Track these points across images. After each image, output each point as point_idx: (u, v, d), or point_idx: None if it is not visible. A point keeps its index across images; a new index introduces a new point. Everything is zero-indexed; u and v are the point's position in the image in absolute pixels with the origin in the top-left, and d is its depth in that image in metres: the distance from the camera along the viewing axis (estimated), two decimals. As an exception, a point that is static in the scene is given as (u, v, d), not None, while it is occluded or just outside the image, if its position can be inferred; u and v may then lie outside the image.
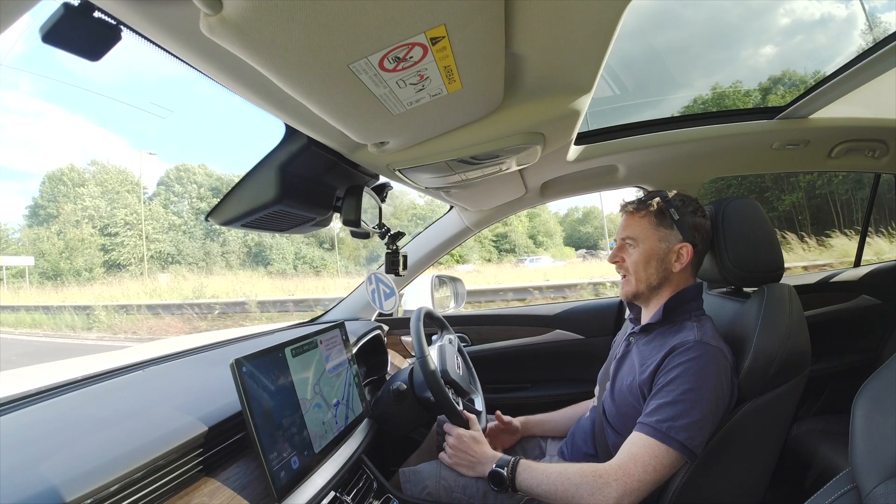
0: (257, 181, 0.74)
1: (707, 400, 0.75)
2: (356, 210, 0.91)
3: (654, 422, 0.75)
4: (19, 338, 10.06)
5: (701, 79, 3.49)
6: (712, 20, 3.91)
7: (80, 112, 34.93)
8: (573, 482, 0.76)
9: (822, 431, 1.32)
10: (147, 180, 28.63)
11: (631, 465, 0.74)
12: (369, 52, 0.44)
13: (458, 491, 0.92)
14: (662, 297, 0.90)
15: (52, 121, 29.53)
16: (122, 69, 36.73)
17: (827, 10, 3.20)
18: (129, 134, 31.74)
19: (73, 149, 29.34)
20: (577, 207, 30.57)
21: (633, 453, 0.75)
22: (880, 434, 0.47)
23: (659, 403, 0.77)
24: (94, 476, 0.49)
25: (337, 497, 0.77)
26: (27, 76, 34.66)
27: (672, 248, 0.88)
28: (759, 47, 3.61)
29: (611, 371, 0.97)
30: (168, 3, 0.38)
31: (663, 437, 0.74)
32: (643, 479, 0.73)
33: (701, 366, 0.77)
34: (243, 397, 0.63)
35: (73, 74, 35.31)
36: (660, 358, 0.81)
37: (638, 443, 0.76)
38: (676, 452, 0.73)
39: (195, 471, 0.61)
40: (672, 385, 0.77)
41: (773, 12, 3.28)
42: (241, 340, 1.30)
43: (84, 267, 20.44)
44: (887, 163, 1.38)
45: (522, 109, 0.73)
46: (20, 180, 27.33)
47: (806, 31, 3.39)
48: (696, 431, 0.74)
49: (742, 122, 1.26)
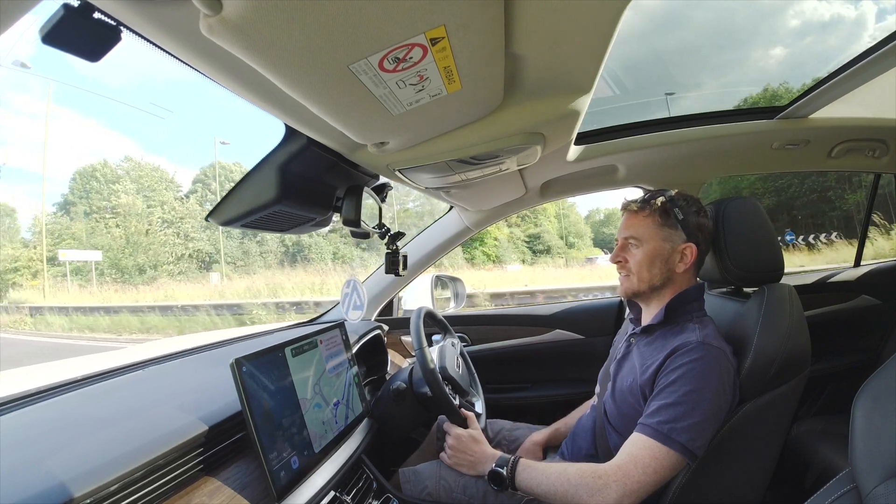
0: (257, 181, 0.74)
1: (709, 401, 0.75)
2: (356, 210, 0.91)
3: (656, 423, 0.75)
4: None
5: (710, 80, 3.49)
6: (721, 21, 3.92)
7: (92, 115, 34.94)
8: (573, 482, 0.75)
9: (822, 432, 1.32)
10: (181, 178, 28.15)
11: (631, 466, 0.74)
12: (369, 52, 0.44)
13: (458, 491, 0.92)
14: (664, 298, 0.89)
15: (64, 123, 29.50)
16: (133, 71, 36.56)
17: (836, 12, 3.19)
18: (139, 136, 31.76)
19: (86, 150, 29.33)
20: (599, 209, 30.06)
21: (634, 454, 0.75)
22: (880, 434, 0.47)
23: (660, 404, 0.76)
24: (94, 475, 0.49)
25: (337, 497, 0.77)
26: (39, 78, 34.55)
27: (676, 248, 0.87)
28: (768, 49, 3.62)
29: (611, 371, 0.96)
30: (168, 3, 0.38)
31: (664, 438, 0.73)
32: (643, 480, 0.73)
33: (703, 367, 0.76)
34: (243, 397, 0.63)
35: (84, 79, 35.33)
36: (661, 358, 0.81)
37: (638, 444, 0.76)
38: (677, 454, 0.73)
39: (195, 470, 0.61)
40: (674, 386, 0.77)
41: (783, 14, 3.27)
42: (241, 340, 1.30)
43: (148, 264, 19.20)
44: (887, 163, 1.38)
45: (522, 109, 0.73)
46: (33, 182, 27.38)
47: (816, 32, 3.40)
48: (698, 433, 0.74)
49: (742, 121, 1.26)
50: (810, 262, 9.61)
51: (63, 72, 34.79)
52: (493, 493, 0.90)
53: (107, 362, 0.99)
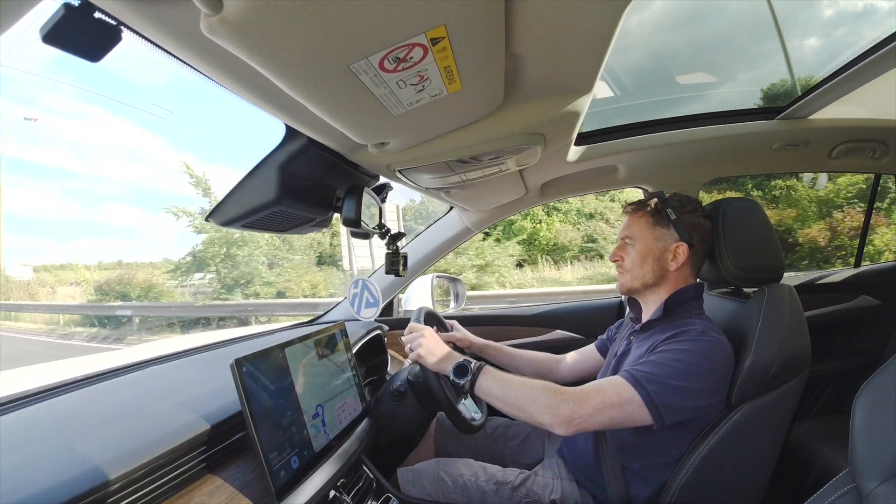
0: (257, 181, 0.74)
1: (692, 377, 0.75)
2: (356, 210, 0.91)
3: (633, 369, 0.77)
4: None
5: (744, 72, 3.41)
6: (756, 10, 3.83)
7: (122, 114, 34.99)
8: (534, 391, 0.77)
9: (822, 432, 1.32)
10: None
11: (593, 393, 0.76)
12: (369, 52, 0.44)
13: (456, 492, 0.92)
14: (661, 295, 0.91)
15: (94, 122, 29.43)
16: (166, 70, 36.31)
17: (869, 2, 3.09)
18: (169, 134, 31.75)
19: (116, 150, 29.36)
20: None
21: (601, 385, 0.78)
22: (880, 434, 0.47)
23: (646, 360, 0.79)
24: (94, 475, 0.49)
25: (336, 497, 0.77)
26: (68, 79, 34.44)
27: (668, 247, 0.89)
28: (803, 39, 3.47)
29: (610, 370, 0.97)
30: (168, 3, 0.38)
31: (634, 381, 0.75)
32: (599, 409, 0.74)
33: (698, 348, 0.78)
34: (243, 397, 0.63)
35: (112, 76, 35.14)
36: (662, 338, 0.82)
37: (611, 381, 0.78)
38: (641, 402, 0.74)
39: (195, 470, 0.61)
40: (664, 354, 0.78)
41: (818, 2, 3.17)
42: (241, 340, 1.30)
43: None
44: (887, 163, 1.39)
45: (522, 110, 0.73)
46: (64, 179, 27.52)
47: (850, 22, 3.30)
48: (670, 394, 0.74)
49: (742, 122, 1.26)
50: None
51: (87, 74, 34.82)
52: (491, 494, 0.91)
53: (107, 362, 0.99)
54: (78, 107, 31.63)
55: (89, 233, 24.93)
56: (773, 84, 1.48)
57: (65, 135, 29.30)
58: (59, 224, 26.34)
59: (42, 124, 28.54)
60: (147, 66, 37.24)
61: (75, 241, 24.92)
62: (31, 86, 33.48)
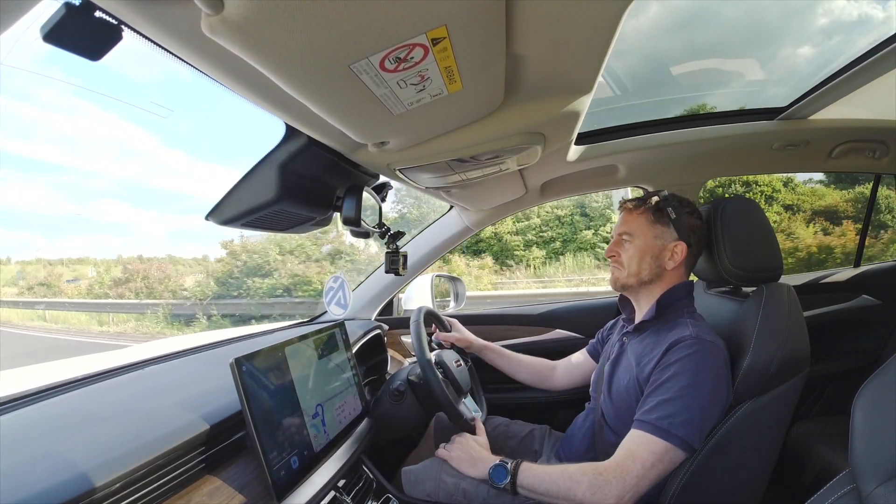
0: (257, 180, 0.74)
1: (706, 395, 0.76)
2: (356, 209, 0.91)
3: (654, 419, 0.76)
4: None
5: (737, 78, 3.42)
6: (751, 16, 3.83)
7: (114, 110, 34.98)
8: (574, 479, 0.76)
9: (822, 432, 1.32)
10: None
11: (629, 462, 0.75)
12: (370, 52, 0.44)
13: (458, 494, 0.92)
14: (654, 294, 0.91)
15: (88, 118, 29.47)
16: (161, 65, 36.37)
17: (864, 11, 3.09)
18: (161, 131, 31.75)
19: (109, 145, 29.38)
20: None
21: (632, 451, 0.76)
22: (880, 435, 0.47)
23: (658, 400, 0.77)
24: (95, 474, 0.49)
25: (336, 497, 0.77)
26: (60, 74, 34.47)
27: (667, 245, 0.90)
28: (797, 47, 3.50)
29: (605, 373, 0.97)
30: (169, 2, 0.38)
31: (664, 433, 0.74)
32: (642, 475, 0.73)
33: (698, 361, 0.78)
34: (243, 396, 0.63)
35: (105, 70, 35.10)
36: (660, 354, 0.82)
37: (637, 440, 0.76)
38: (676, 448, 0.74)
39: (195, 470, 0.61)
40: (670, 382, 0.78)
41: (812, 11, 3.18)
42: (241, 340, 1.30)
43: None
44: (887, 163, 1.39)
45: (523, 109, 0.73)
46: (55, 174, 27.58)
47: (845, 32, 3.30)
48: (696, 426, 0.75)
49: (742, 122, 1.26)
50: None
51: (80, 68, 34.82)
52: (493, 497, 0.90)
53: (107, 362, 0.99)
54: (72, 102, 31.53)
55: (87, 230, 24.92)
56: (773, 84, 1.47)
57: (57, 129, 29.13)
58: (48, 218, 26.23)
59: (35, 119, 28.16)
60: (141, 62, 37.22)
61: (71, 236, 24.82)
62: (26, 81, 33.48)
